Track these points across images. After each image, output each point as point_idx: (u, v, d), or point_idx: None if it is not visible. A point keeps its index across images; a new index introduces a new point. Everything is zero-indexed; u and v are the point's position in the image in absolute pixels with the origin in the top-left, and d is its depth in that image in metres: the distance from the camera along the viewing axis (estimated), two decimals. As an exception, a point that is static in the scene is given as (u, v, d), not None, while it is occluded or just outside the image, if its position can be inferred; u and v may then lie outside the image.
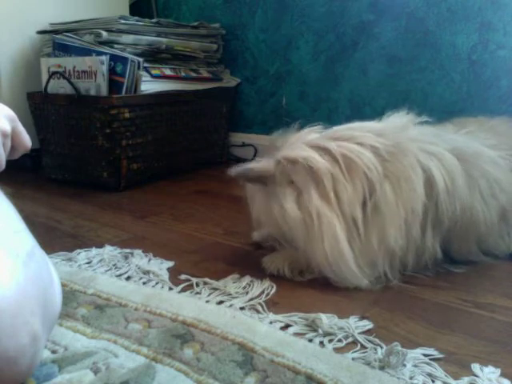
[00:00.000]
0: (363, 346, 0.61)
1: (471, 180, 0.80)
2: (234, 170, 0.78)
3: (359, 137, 0.78)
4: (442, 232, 0.79)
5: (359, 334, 0.63)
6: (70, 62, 1.40)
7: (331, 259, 0.75)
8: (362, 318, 0.68)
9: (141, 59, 1.39)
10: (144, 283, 0.78)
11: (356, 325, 0.65)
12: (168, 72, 1.52)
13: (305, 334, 0.64)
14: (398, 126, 0.82)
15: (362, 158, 0.75)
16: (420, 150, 0.78)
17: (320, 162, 0.75)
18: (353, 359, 0.58)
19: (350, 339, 0.62)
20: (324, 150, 0.77)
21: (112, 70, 1.37)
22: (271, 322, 0.66)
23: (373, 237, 0.76)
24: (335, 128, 0.83)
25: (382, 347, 0.60)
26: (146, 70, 1.43)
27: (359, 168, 0.74)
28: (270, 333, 0.63)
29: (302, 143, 0.79)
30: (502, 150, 0.88)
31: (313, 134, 0.82)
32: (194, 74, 1.62)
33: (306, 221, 0.75)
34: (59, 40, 1.46)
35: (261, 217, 0.84)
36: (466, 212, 0.79)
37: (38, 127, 1.50)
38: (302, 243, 0.77)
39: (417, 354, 0.59)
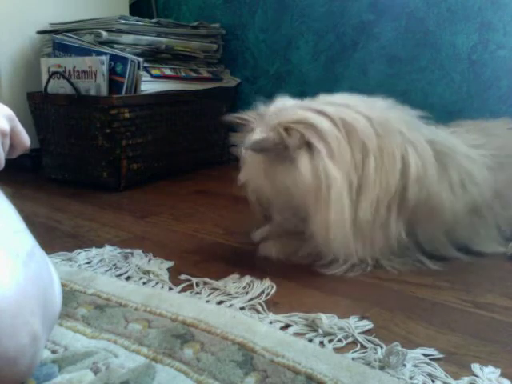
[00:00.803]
0: (363, 346, 0.61)
1: (442, 169, 0.81)
2: (248, 143, 0.77)
3: (354, 105, 0.79)
4: (407, 214, 0.79)
5: (359, 333, 0.63)
6: (70, 62, 1.40)
7: (334, 224, 0.75)
8: (362, 317, 0.68)
9: (141, 59, 1.39)
10: (144, 283, 0.78)
11: (356, 325, 0.65)
12: (168, 72, 1.52)
13: (305, 334, 0.64)
14: (385, 105, 0.83)
15: (361, 126, 0.76)
16: (401, 132, 0.79)
17: (326, 123, 0.75)
18: (353, 359, 0.58)
19: (350, 339, 0.62)
20: (323, 114, 0.76)
21: (112, 70, 1.37)
22: (271, 322, 0.66)
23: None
24: (325, 95, 0.83)
25: (382, 347, 0.60)
26: (146, 70, 1.43)
27: (359, 135, 0.76)
28: (269, 333, 0.63)
29: (299, 107, 0.79)
30: (486, 149, 0.88)
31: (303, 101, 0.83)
32: (193, 74, 1.62)
33: (318, 184, 0.75)
34: (59, 40, 1.46)
35: (262, 190, 0.82)
36: (432, 198, 0.80)
37: (37, 127, 1.50)
38: (312, 208, 0.77)
39: (417, 353, 0.59)
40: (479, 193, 0.83)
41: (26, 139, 0.61)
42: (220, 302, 0.72)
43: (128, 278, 0.80)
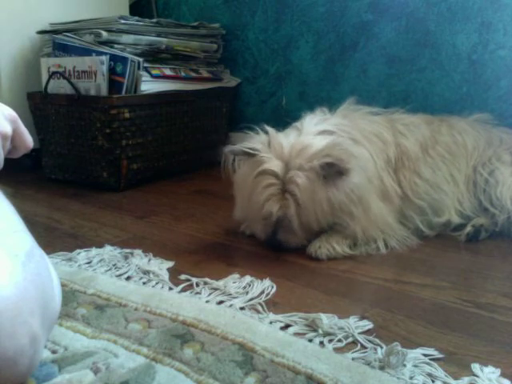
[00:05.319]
0: (363, 346, 0.61)
1: (393, 126, 1.08)
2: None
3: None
4: (392, 167, 1.03)
5: (359, 334, 0.63)
6: (69, 62, 1.40)
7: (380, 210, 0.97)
8: (362, 318, 0.68)
9: (141, 59, 1.39)
10: (144, 283, 0.78)
11: (356, 325, 0.65)
12: (168, 72, 1.52)
13: (305, 334, 0.64)
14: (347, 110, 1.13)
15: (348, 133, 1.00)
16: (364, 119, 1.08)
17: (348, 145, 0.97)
18: (353, 359, 0.58)
19: (350, 339, 0.62)
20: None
21: (112, 70, 1.37)
22: (271, 322, 0.66)
23: None
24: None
25: (382, 347, 0.60)
26: (146, 69, 1.43)
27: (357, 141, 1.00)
28: (270, 333, 0.63)
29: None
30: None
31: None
32: (193, 74, 1.62)
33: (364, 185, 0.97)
34: (59, 40, 1.46)
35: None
36: (399, 146, 1.05)
37: (37, 127, 1.50)
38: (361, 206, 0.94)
39: (417, 353, 0.59)
40: (421, 133, 1.08)
41: (28, 140, 0.61)
42: (220, 302, 0.72)
43: (128, 278, 0.80)
